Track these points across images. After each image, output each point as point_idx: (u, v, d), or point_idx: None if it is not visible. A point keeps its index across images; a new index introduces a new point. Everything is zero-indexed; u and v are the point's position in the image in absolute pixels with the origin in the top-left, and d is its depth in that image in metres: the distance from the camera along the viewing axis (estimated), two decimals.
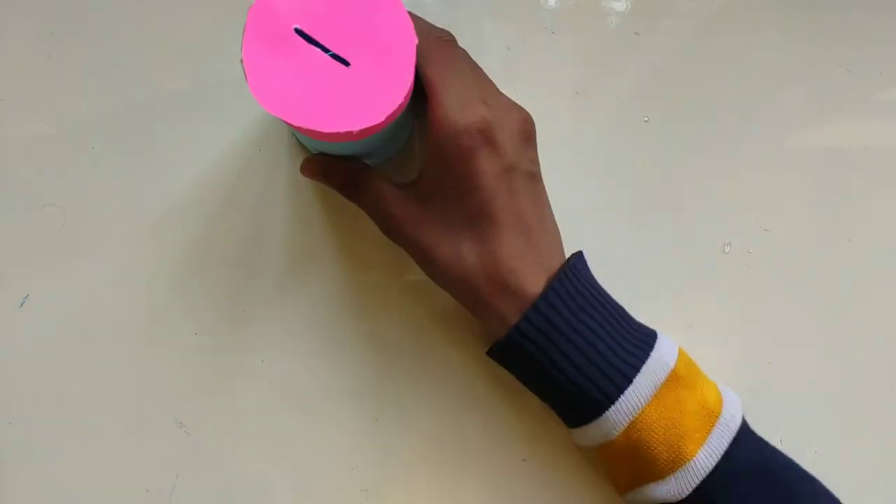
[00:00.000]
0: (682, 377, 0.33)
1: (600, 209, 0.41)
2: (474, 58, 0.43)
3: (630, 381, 0.32)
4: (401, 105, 0.31)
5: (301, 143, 0.40)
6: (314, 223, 0.40)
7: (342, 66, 0.31)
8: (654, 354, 0.33)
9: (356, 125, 0.30)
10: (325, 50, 0.31)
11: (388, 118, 0.31)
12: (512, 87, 0.42)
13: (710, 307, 0.41)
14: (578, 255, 0.35)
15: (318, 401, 0.39)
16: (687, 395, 0.33)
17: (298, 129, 0.31)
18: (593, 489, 0.39)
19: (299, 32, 0.31)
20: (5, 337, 0.39)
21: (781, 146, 0.43)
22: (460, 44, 0.36)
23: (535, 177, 0.34)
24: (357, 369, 0.39)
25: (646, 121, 0.42)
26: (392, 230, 0.34)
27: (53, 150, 0.40)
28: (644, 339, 0.34)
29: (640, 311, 0.37)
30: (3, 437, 0.38)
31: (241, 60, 0.31)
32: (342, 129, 0.30)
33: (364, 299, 0.40)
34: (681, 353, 0.34)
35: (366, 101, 0.31)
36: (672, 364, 0.33)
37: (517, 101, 0.42)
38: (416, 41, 0.31)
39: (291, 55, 0.31)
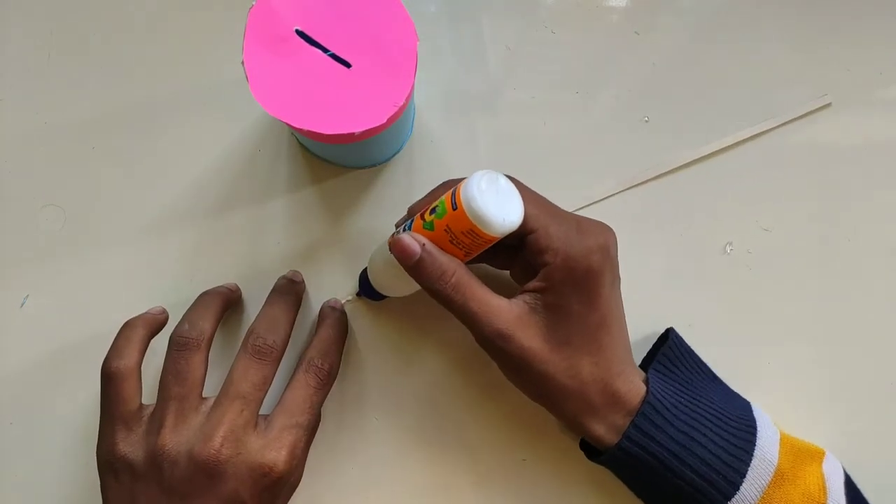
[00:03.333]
0: (785, 473, 0.34)
1: (600, 209, 0.41)
2: (473, 57, 0.43)
3: (737, 488, 0.33)
4: (402, 106, 0.31)
5: (301, 144, 0.40)
6: (314, 223, 0.40)
7: (343, 68, 0.31)
8: (758, 453, 0.34)
9: (357, 126, 0.30)
10: (326, 51, 0.31)
11: (389, 119, 0.31)
12: (512, 86, 0.42)
13: (711, 306, 0.41)
14: (672, 332, 0.38)
15: None
16: (792, 491, 0.33)
17: (299, 130, 0.31)
18: (593, 489, 0.39)
19: (300, 33, 0.31)
20: (5, 337, 0.39)
21: (781, 146, 0.43)
22: (459, 43, 0.36)
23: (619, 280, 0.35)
24: (357, 369, 0.40)
25: (646, 121, 0.42)
26: (497, 341, 0.32)
27: (53, 150, 0.40)
28: (744, 431, 0.34)
29: (641, 311, 0.37)
30: (3, 437, 0.38)
31: (242, 61, 0.31)
32: (343, 131, 0.30)
33: (360, 301, 0.40)
34: (782, 440, 0.35)
35: (367, 102, 0.31)
36: (775, 461, 0.34)
37: (525, 104, 0.42)
38: (417, 41, 0.31)
39: (292, 56, 0.31)
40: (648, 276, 0.41)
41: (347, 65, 0.31)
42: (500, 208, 0.29)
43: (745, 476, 0.33)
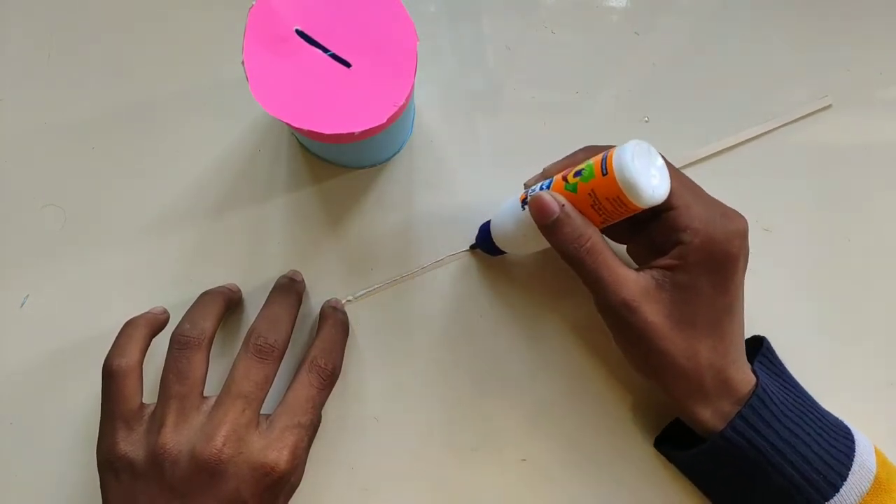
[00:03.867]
0: (883, 483, 0.34)
1: None
2: (472, 57, 0.43)
3: (837, 490, 0.33)
4: (402, 106, 0.31)
5: (301, 144, 0.40)
6: (314, 223, 0.40)
7: (343, 67, 0.31)
8: (858, 459, 0.34)
9: (357, 126, 0.30)
10: (326, 51, 0.31)
11: (389, 119, 0.31)
12: (512, 86, 0.42)
13: None
14: (766, 341, 0.38)
15: None
16: (888, 501, 0.33)
17: (299, 130, 0.31)
18: (593, 489, 0.39)
19: (300, 33, 0.31)
20: (5, 337, 0.39)
21: (782, 146, 0.43)
22: (459, 42, 0.36)
23: None
24: (357, 369, 0.40)
25: (646, 121, 0.42)
26: (621, 311, 0.32)
27: (53, 150, 0.40)
28: (843, 437, 0.35)
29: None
30: (3, 437, 0.38)
31: (242, 61, 0.31)
32: (343, 131, 0.30)
33: (364, 298, 0.40)
34: (876, 451, 0.35)
35: (367, 102, 0.31)
36: (874, 469, 0.34)
37: (526, 104, 0.42)
38: (417, 41, 0.31)
39: (292, 56, 0.31)
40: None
41: (347, 65, 0.31)
42: (650, 180, 0.30)
43: (845, 479, 0.33)
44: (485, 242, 0.38)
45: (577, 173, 0.31)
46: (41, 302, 0.39)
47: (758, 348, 0.37)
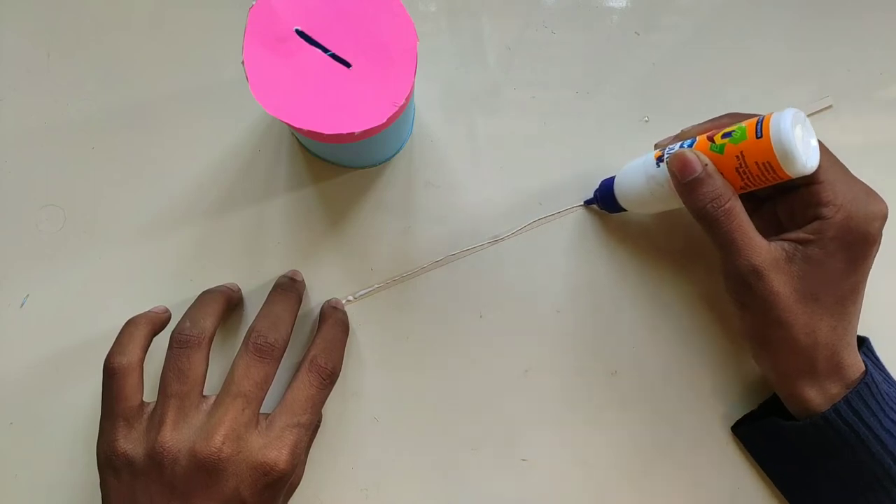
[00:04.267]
0: None
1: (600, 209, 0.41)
2: (472, 57, 0.43)
3: None
4: (402, 106, 0.31)
5: (301, 144, 0.40)
6: (314, 223, 0.40)
7: (343, 67, 0.31)
8: None
9: (357, 126, 0.30)
10: (326, 51, 0.31)
11: (389, 119, 0.31)
12: (512, 86, 0.42)
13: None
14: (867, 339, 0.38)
15: None
16: None
17: (299, 130, 0.31)
18: (593, 489, 0.39)
19: (300, 33, 0.31)
20: (5, 337, 0.39)
21: None
22: (459, 42, 0.36)
23: None
24: (357, 369, 0.40)
25: (646, 121, 0.42)
26: (749, 277, 0.32)
27: (53, 150, 0.40)
28: None
29: (641, 310, 0.37)
30: (3, 437, 0.38)
31: (242, 61, 0.31)
32: (343, 131, 0.30)
33: (364, 298, 0.40)
34: None
35: (367, 102, 0.31)
36: None
37: (526, 104, 0.42)
38: (417, 41, 0.31)
39: (292, 56, 0.31)
40: (649, 274, 0.41)
41: (347, 65, 0.31)
42: (804, 149, 0.29)
43: None
44: (606, 198, 0.38)
45: (727, 134, 0.31)
46: (41, 302, 0.39)
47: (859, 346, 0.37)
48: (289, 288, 0.37)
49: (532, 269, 0.41)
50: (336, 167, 0.41)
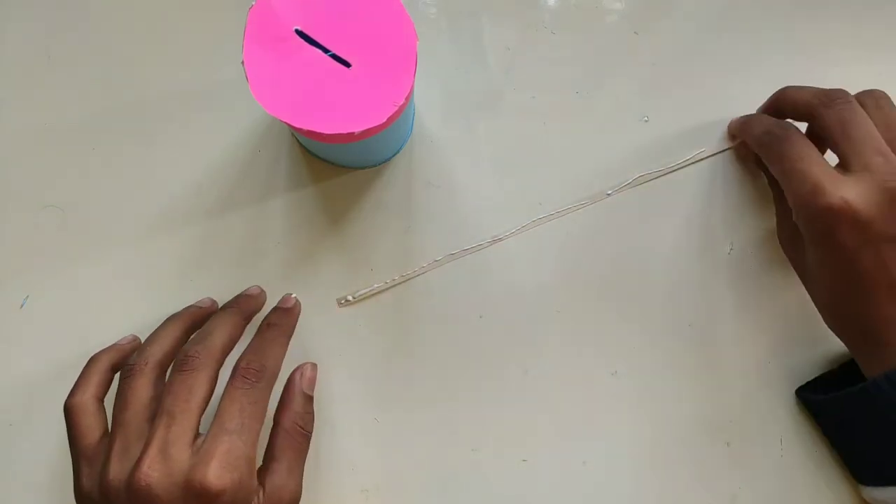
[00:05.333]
0: None
1: (601, 207, 0.41)
2: (472, 57, 0.43)
3: None
4: (402, 106, 0.31)
5: (301, 144, 0.40)
6: (314, 223, 0.40)
7: (343, 67, 0.31)
8: None
9: (357, 126, 0.30)
10: (326, 51, 0.31)
11: (389, 119, 0.31)
12: (512, 87, 0.42)
13: (711, 306, 0.41)
14: None
15: (318, 401, 0.39)
16: None
17: (299, 130, 0.31)
18: (593, 489, 0.39)
19: (299, 33, 0.31)
20: (5, 337, 0.39)
21: None
22: (459, 43, 0.35)
23: None
24: (357, 369, 0.40)
25: (646, 121, 0.42)
26: (808, 201, 0.33)
27: (53, 150, 0.40)
28: None
29: (640, 311, 0.37)
30: (3, 437, 0.38)
31: (242, 61, 0.31)
32: (343, 131, 0.30)
33: (360, 301, 0.40)
34: None
35: (367, 102, 0.31)
36: None
37: (525, 104, 0.42)
38: (417, 41, 0.31)
39: (292, 56, 0.31)
40: (649, 274, 0.41)
41: (347, 65, 0.31)
42: None
43: None
44: None
45: None
46: (41, 302, 0.39)
47: None
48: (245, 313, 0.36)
49: (532, 269, 0.41)
50: (336, 167, 0.41)
